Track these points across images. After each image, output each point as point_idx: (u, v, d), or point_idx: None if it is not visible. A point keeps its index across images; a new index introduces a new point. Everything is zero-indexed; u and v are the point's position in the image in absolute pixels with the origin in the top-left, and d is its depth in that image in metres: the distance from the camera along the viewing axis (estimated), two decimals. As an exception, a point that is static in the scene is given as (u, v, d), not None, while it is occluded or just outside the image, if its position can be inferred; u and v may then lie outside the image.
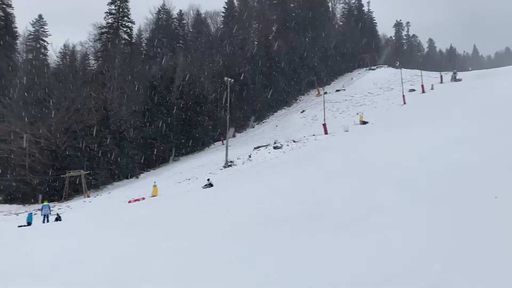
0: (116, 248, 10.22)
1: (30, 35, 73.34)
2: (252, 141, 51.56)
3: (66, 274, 7.80)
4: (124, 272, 7.47)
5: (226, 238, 9.20)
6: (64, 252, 10.78)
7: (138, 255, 8.89)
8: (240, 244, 8.27)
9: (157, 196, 32.65)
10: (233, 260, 7.11)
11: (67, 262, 9.02)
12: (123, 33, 71.67)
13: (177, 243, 9.57)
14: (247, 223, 10.52)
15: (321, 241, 7.44)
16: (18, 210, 39.23)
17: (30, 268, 8.89)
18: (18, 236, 17.46)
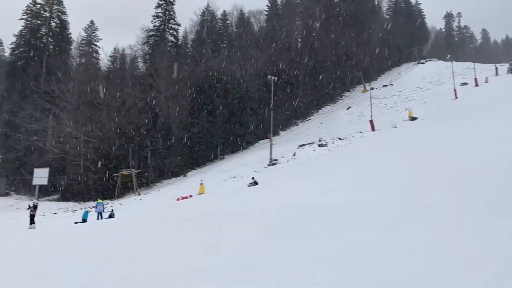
0: (167, 244, 10.49)
1: (83, 40, 77.01)
2: (296, 139, 51.28)
3: (115, 270, 8.07)
4: (175, 268, 7.63)
5: (271, 235, 9.19)
6: (116, 248, 11.20)
7: (189, 251, 9.07)
8: (285, 241, 8.24)
9: (204, 194, 33.27)
10: (280, 256, 7.10)
11: (118, 258, 9.35)
12: (170, 35, 73.56)
13: (226, 239, 9.68)
14: (292, 221, 10.46)
15: (364, 240, 7.26)
16: (74, 207, 41.38)
17: (77, 263, 9.30)
18: (75, 232, 18.37)
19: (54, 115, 51.98)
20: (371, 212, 9.43)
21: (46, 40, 66.13)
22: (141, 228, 15.83)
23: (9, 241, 15.93)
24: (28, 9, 65.81)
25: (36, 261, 10.41)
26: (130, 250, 10.40)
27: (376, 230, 7.83)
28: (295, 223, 10.14)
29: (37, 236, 18.24)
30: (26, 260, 10.71)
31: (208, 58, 70.99)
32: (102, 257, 9.67)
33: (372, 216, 9.00)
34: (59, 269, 8.81)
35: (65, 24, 68.57)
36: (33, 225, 25.31)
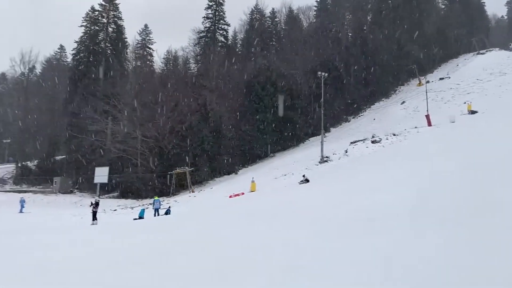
0: (222, 240, 10.71)
1: (137, 44, 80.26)
2: (348, 136, 50.32)
3: (172, 265, 8.34)
4: (227, 263, 7.77)
5: (323, 234, 9.12)
6: (173, 243, 11.60)
7: (242, 247, 9.22)
8: (339, 240, 8.15)
9: (255, 191, 33.56)
10: (332, 255, 7.02)
11: (175, 253, 9.67)
12: (220, 36, 74.88)
13: (278, 236, 9.74)
14: (345, 219, 10.32)
15: (421, 238, 6.99)
16: (133, 204, 43.24)
17: (136, 257, 9.72)
18: (134, 228, 19.24)
19: (113, 117, 54.64)
20: (428, 211, 9.09)
21: (104, 45, 69.55)
22: (196, 224, 16.28)
23: (74, 236, 16.97)
24: (87, 16, 69.56)
25: (99, 254, 11.02)
26: (186, 246, 10.73)
27: (430, 229, 7.53)
28: (347, 222, 9.99)
29: (100, 231, 19.29)
30: (90, 254, 11.36)
31: (257, 56, 71.41)
32: (161, 252, 10.06)
33: (429, 215, 8.68)
34: (119, 263, 9.27)
35: (121, 29, 71.73)
36: (95, 221, 26.76)
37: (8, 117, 75.53)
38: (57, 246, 13.33)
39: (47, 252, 11.75)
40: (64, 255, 11.23)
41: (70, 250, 12.23)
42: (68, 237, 16.52)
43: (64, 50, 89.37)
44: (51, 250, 12.20)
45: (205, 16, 74.24)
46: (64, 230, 20.62)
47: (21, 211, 38.90)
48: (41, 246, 13.29)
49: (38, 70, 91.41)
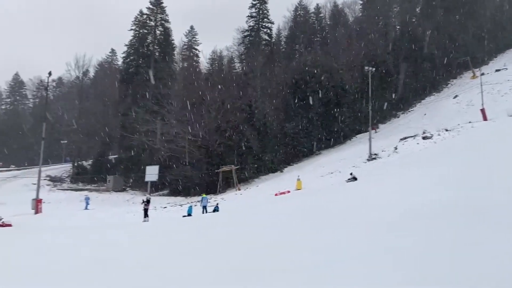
0: (267, 238, 10.73)
1: (184, 45, 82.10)
2: (398, 132, 48.79)
3: (219, 261, 8.44)
4: (270, 261, 7.76)
5: (369, 233, 8.87)
6: (220, 240, 11.75)
7: (287, 245, 9.18)
8: (391, 240, 7.89)
9: (301, 189, 33.40)
10: (374, 256, 6.81)
11: (222, 250, 9.79)
12: (264, 34, 75.04)
13: (324, 235, 9.61)
14: (396, 218, 9.99)
15: (475, 238, 6.61)
16: (182, 202, 44.35)
17: (183, 254, 9.93)
18: (184, 225, 19.71)
19: (162, 117, 56.30)
20: (484, 210, 8.60)
21: (152, 48, 71.75)
22: (243, 222, 16.42)
23: (127, 232, 17.66)
24: (136, 20, 72.04)
25: (150, 250, 11.39)
26: (233, 243, 10.84)
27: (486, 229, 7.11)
28: (396, 221, 9.67)
29: (151, 228, 19.94)
30: (142, 249, 11.78)
31: (301, 53, 70.88)
32: (209, 248, 10.24)
33: (485, 214, 8.21)
34: (168, 259, 9.53)
35: (168, 31, 73.66)
36: (147, 218, 27.70)
37: (65, 119, 79.80)
38: (120, 242, 13.95)
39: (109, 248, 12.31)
40: (126, 251, 11.73)
41: (131, 246, 12.75)
42: (129, 233, 17.22)
43: (115, 54, 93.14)
44: (114, 246, 12.77)
45: (249, 15, 74.69)
46: (125, 227, 21.60)
47: (86, 208, 41.44)
48: (107, 242, 13.96)
49: (92, 74, 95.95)
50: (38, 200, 38.08)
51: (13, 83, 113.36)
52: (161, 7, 73.11)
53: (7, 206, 38.12)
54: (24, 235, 19.95)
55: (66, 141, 74.58)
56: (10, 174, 67.27)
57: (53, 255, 12.10)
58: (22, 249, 14.01)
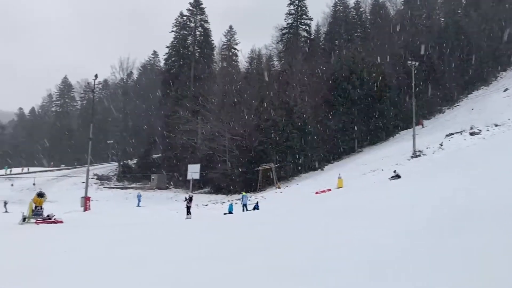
0: (305, 236, 10.67)
1: (223, 45, 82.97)
2: (443, 128, 46.99)
3: (258, 260, 8.47)
4: (307, 261, 7.70)
5: (412, 233, 8.61)
6: (261, 238, 11.80)
7: (324, 244, 9.09)
8: (434, 241, 7.63)
9: (342, 187, 32.92)
10: (416, 256, 6.59)
11: (261, 248, 9.82)
12: (303, 31, 74.48)
13: (362, 234, 9.43)
14: (440, 218, 9.64)
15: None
16: (223, 200, 44.95)
17: (227, 251, 10.03)
18: (225, 222, 19.97)
19: (202, 116, 57.27)
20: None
21: (192, 49, 73.08)
22: (284, 220, 16.42)
23: (173, 229, 18.11)
24: (176, 22, 73.64)
25: (194, 246, 11.62)
26: (272, 241, 10.86)
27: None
28: (442, 222, 9.33)
29: (195, 225, 20.35)
30: (185, 245, 12.04)
31: (341, 49, 69.78)
32: (248, 246, 10.31)
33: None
34: (210, 255, 9.68)
35: (207, 31, 74.77)
36: (189, 216, 28.25)
37: (110, 120, 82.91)
38: (165, 238, 14.37)
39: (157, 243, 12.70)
40: (172, 247, 12.06)
41: (176, 242, 13.10)
42: (173, 230, 17.70)
43: (157, 55, 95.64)
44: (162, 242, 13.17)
45: (288, 13, 74.34)
46: (169, 224, 22.22)
47: (138, 205, 43.26)
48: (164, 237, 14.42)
49: (135, 76, 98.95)
50: (86, 198, 39.78)
51: (62, 86, 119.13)
52: (201, 8, 74.27)
53: (58, 203, 40.10)
54: (75, 231, 20.92)
55: (112, 141, 77.41)
56: (61, 173, 70.76)
57: (102, 249, 12.63)
58: (74, 244, 14.71)
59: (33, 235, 19.67)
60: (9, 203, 38.66)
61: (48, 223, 27.51)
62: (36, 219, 28.60)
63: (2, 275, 8.76)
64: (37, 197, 30.40)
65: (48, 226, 25.70)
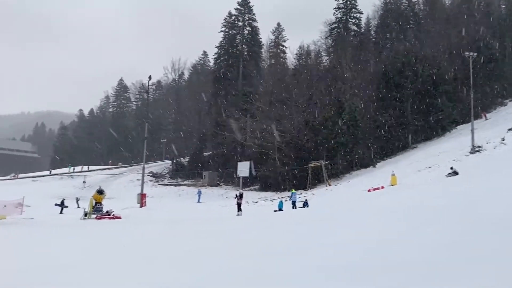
0: (355, 235, 10.48)
1: (271, 42, 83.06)
2: (505, 121, 44.19)
3: (309, 257, 8.44)
4: (367, 258, 7.55)
5: (474, 232, 8.20)
6: (311, 235, 11.75)
7: (378, 243, 8.88)
8: (486, 241, 7.21)
9: (396, 185, 31.98)
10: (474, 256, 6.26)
11: (311, 246, 9.77)
12: (352, 25, 72.90)
13: (415, 234, 9.12)
14: (507, 219, 9.10)
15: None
16: (272, 197, 45.10)
17: (274, 248, 10.06)
18: (275, 220, 20.07)
19: (251, 114, 57.76)
20: None
21: (241, 47, 73.83)
22: (333, 217, 16.24)
23: (225, 226, 18.48)
24: (225, 22, 74.69)
25: (244, 242, 11.79)
26: (323, 238, 10.78)
27: None
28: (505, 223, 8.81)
29: (245, 221, 20.63)
30: (237, 240, 12.24)
31: (393, 42, 67.57)
32: (298, 244, 10.30)
33: None
34: (259, 252, 9.77)
35: (256, 30, 75.21)
36: (240, 212, 28.69)
37: (164, 119, 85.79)
38: (218, 233, 14.74)
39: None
40: (225, 241, 12.35)
41: (229, 237, 13.39)
42: (225, 225, 18.10)
43: (207, 56, 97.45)
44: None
45: (337, 7, 73.04)
46: (221, 220, 22.72)
47: (198, 201, 44.88)
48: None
49: (186, 76, 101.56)
50: (142, 195, 41.49)
51: (118, 87, 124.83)
52: (248, 7, 74.81)
53: (116, 200, 42.16)
54: (134, 226, 21.91)
55: (165, 140, 79.99)
56: (118, 171, 74.17)
57: (157, 244, 13.15)
58: (133, 238, 15.44)
59: (97, 229, 20.82)
60: (70, 199, 41.13)
61: (107, 218, 29.03)
62: (96, 215, 30.23)
63: (73, 267, 9.37)
64: (97, 194, 32.14)
65: (107, 222, 27.09)
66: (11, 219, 30.77)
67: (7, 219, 30.07)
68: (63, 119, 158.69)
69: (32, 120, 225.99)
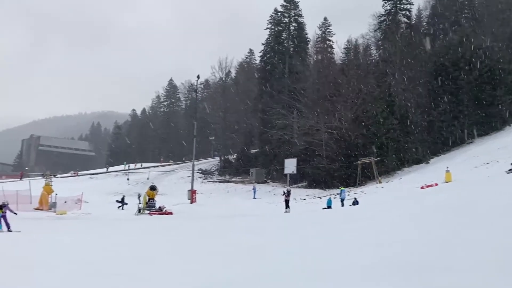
0: (402, 234, 10.16)
1: (318, 38, 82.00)
2: None
3: (361, 256, 8.28)
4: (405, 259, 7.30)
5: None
6: (360, 234, 11.53)
7: (423, 242, 8.56)
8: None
9: (451, 182, 30.72)
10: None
11: (364, 244, 9.58)
12: (402, 17, 70.38)
13: (469, 234, 8.68)
14: None
15: None
16: (320, 194, 44.71)
17: (326, 246, 9.96)
18: (324, 217, 19.90)
19: (298, 111, 57.42)
20: None
21: (287, 44, 73.44)
22: (385, 215, 15.84)
23: (274, 222, 18.59)
24: (271, 19, 74.60)
25: (293, 239, 11.79)
26: (373, 238, 10.55)
27: None
28: None
29: (294, 218, 20.62)
30: (285, 237, 12.28)
31: (447, 33, 64.55)
32: (348, 243, 10.15)
33: None
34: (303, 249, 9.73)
35: (302, 26, 74.50)
36: (288, 209, 28.69)
37: (212, 117, 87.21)
38: (268, 231, 14.86)
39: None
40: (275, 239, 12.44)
41: (278, 235, 13.47)
42: (274, 222, 18.21)
43: (253, 53, 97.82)
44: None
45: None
46: (269, 217, 22.86)
47: (254, 197, 45.61)
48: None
49: (233, 74, 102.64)
50: (193, 191, 42.59)
51: (168, 87, 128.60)
52: (294, 2, 74.26)
53: (168, 196, 43.57)
54: (185, 221, 22.55)
55: (213, 137, 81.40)
56: (169, 168, 76.53)
57: (207, 240, 13.46)
58: (187, 233, 15.91)
59: (152, 224, 21.61)
60: (126, 196, 42.98)
61: (160, 214, 30.05)
62: (150, 211, 31.37)
63: (136, 259, 9.82)
64: (150, 190, 33.36)
65: (160, 217, 28.04)
66: (71, 214, 32.70)
67: (68, 214, 31.99)
68: (117, 119, 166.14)
69: (89, 120, 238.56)
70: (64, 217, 29.80)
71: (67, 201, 37.02)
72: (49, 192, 36.35)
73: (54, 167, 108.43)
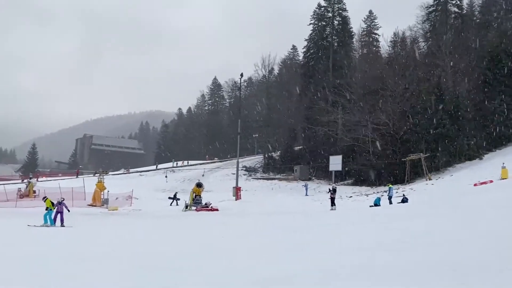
0: (448, 234, 9.76)
1: (363, 31, 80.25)
2: None
3: (414, 254, 8.05)
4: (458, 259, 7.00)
5: None
6: (409, 233, 11.19)
7: (472, 242, 8.16)
8: None
9: (507, 178, 29.14)
10: None
11: (416, 243, 9.31)
12: (452, 6, 67.37)
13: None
14: None
15: None
16: (367, 191, 43.80)
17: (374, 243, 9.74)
18: (372, 215, 19.51)
19: (343, 107, 56.46)
20: None
21: (331, 39, 72.39)
22: (438, 213, 15.31)
23: (321, 220, 18.47)
24: (314, 14, 73.83)
25: (339, 237, 11.66)
26: (427, 236, 10.23)
27: None
28: None
29: (340, 217, 20.35)
30: (332, 236, 12.17)
31: (502, 21, 61.04)
32: (402, 241, 9.89)
33: None
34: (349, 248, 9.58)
35: (346, 20, 73.12)
36: (333, 207, 28.34)
37: (255, 115, 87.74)
38: (312, 229, 14.83)
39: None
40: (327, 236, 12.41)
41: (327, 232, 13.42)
42: (320, 220, 18.10)
43: (296, 50, 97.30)
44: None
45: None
46: (315, 214, 22.75)
47: (306, 194, 46.33)
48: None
49: (276, 71, 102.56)
50: (237, 188, 43.08)
51: (212, 86, 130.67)
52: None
53: (213, 193, 44.30)
54: (231, 218, 22.88)
55: (257, 135, 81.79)
56: (214, 165, 77.78)
57: (253, 236, 13.60)
58: (232, 230, 16.15)
59: (201, 220, 22.13)
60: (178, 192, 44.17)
61: (206, 210, 30.65)
62: (196, 207, 32.07)
63: (191, 254, 10.13)
64: (196, 187, 34.10)
65: (206, 213, 28.64)
66: (123, 210, 34.10)
67: (119, 210, 33.38)
68: (165, 118, 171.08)
69: (138, 119, 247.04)
70: (116, 213, 31.12)
71: (118, 198, 38.65)
72: (102, 189, 38.00)
73: (106, 165, 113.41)
